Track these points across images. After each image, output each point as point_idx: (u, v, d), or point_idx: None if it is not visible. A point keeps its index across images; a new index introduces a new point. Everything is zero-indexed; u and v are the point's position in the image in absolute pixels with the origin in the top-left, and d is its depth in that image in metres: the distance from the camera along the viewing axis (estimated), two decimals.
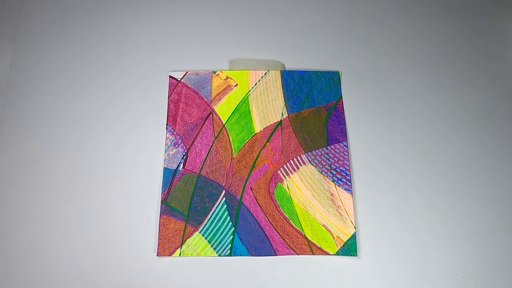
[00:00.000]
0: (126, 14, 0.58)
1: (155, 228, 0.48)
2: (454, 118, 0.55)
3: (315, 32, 0.58)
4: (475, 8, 0.61)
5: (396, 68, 0.57)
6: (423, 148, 0.54)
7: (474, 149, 0.54)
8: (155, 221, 0.48)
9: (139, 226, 0.48)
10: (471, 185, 0.52)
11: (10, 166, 0.51)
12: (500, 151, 0.54)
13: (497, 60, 0.58)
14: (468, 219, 0.50)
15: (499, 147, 0.54)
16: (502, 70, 0.58)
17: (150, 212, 0.48)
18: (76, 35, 0.57)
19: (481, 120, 0.55)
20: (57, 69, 0.55)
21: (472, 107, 0.56)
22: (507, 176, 0.53)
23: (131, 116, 0.53)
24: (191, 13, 0.59)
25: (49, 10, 0.58)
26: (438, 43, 0.59)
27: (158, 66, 0.55)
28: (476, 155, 0.54)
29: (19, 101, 0.54)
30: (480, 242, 0.49)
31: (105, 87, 0.55)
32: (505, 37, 0.60)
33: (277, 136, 0.52)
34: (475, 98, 0.56)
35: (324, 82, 0.54)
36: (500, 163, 0.53)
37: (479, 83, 0.57)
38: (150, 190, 0.49)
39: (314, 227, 0.49)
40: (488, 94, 0.56)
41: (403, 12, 0.60)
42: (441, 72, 0.57)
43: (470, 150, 0.54)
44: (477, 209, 0.51)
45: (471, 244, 0.49)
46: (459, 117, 0.55)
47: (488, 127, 0.55)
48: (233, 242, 0.48)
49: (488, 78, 0.57)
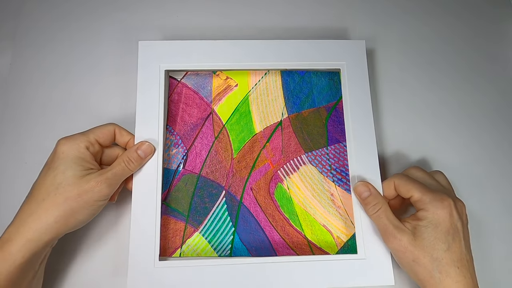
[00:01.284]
0: (127, 14, 0.58)
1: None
2: (454, 118, 0.55)
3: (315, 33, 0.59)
4: (475, 9, 0.61)
5: (396, 66, 0.57)
6: (424, 148, 0.54)
7: (474, 149, 0.54)
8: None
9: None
10: (472, 184, 0.52)
11: (10, 166, 0.51)
12: (500, 151, 0.54)
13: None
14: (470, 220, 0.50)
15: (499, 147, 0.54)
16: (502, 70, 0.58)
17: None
18: (77, 36, 0.57)
19: (481, 119, 0.55)
20: (57, 69, 0.55)
21: (472, 106, 0.56)
22: (507, 176, 0.53)
23: (132, 115, 0.53)
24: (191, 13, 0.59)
25: (49, 10, 0.58)
26: (437, 43, 0.59)
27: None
28: (477, 155, 0.54)
29: (19, 101, 0.54)
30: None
31: (106, 87, 0.55)
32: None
33: (277, 136, 0.52)
34: (475, 98, 0.56)
35: (324, 82, 0.54)
36: (500, 163, 0.53)
37: (478, 83, 0.57)
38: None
39: (314, 227, 0.49)
40: (488, 94, 0.56)
41: (401, 11, 0.60)
42: (440, 71, 0.57)
43: (471, 150, 0.54)
44: (477, 210, 0.51)
45: None
46: (459, 117, 0.55)
47: (489, 127, 0.55)
48: (233, 242, 0.48)
49: (488, 78, 0.57)
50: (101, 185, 0.40)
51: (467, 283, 0.37)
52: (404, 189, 0.42)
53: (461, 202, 0.41)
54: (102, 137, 0.44)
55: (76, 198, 0.39)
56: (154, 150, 0.46)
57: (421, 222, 0.39)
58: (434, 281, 0.37)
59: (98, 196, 0.40)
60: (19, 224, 0.38)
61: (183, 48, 0.51)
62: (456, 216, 0.39)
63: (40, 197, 0.39)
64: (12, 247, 0.37)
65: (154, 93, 0.48)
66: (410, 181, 0.42)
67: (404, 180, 0.42)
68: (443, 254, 0.37)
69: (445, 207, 0.39)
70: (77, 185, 0.39)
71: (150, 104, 0.48)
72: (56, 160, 0.40)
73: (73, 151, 0.41)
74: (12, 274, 0.37)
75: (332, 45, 0.52)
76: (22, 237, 0.38)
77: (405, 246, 0.39)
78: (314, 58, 0.51)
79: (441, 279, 0.37)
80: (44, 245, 0.39)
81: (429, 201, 0.39)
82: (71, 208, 0.39)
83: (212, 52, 0.51)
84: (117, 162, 0.43)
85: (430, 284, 0.38)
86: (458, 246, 0.38)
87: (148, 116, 0.47)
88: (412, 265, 0.39)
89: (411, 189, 0.41)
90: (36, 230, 0.38)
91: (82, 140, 0.42)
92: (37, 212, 0.38)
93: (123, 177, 0.43)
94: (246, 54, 0.51)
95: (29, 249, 0.38)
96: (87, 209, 0.40)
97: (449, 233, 0.38)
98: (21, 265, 0.37)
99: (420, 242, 0.38)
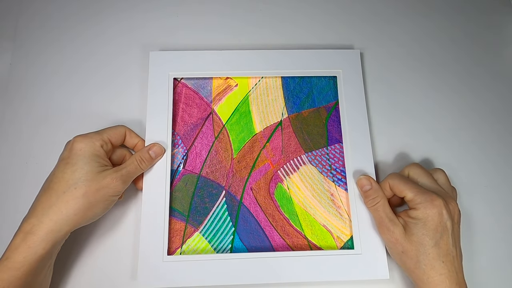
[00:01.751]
0: (127, 14, 0.58)
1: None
2: (454, 118, 0.55)
3: (316, 33, 0.59)
4: (475, 8, 0.61)
5: (397, 67, 0.57)
6: (423, 148, 0.54)
7: (475, 149, 0.54)
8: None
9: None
10: (471, 185, 0.52)
11: (10, 166, 0.51)
12: (500, 151, 0.54)
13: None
14: (468, 221, 0.50)
15: (499, 147, 0.54)
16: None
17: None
18: (77, 36, 0.57)
19: (481, 119, 0.55)
20: (57, 69, 0.55)
21: (472, 107, 0.56)
22: (507, 176, 0.53)
23: (132, 115, 0.53)
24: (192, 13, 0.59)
25: (49, 10, 0.58)
26: (438, 44, 0.59)
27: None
28: (477, 155, 0.54)
29: (19, 101, 0.54)
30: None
31: (106, 88, 0.55)
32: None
33: (277, 136, 0.52)
34: (475, 98, 0.56)
35: (324, 82, 0.54)
36: (500, 163, 0.53)
37: (478, 85, 0.57)
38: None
39: (314, 227, 0.49)
40: (488, 95, 0.56)
41: (400, 11, 0.60)
42: (439, 73, 0.57)
43: (471, 150, 0.54)
44: (476, 212, 0.51)
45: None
46: (462, 117, 0.55)
47: (489, 126, 0.55)
48: (233, 242, 0.48)
49: (488, 79, 0.57)
50: (116, 181, 0.42)
51: (450, 276, 0.40)
52: (398, 189, 0.44)
53: (454, 203, 0.43)
54: (114, 137, 0.46)
55: (94, 193, 0.41)
56: (164, 152, 0.49)
57: (411, 219, 0.42)
58: (419, 271, 0.41)
59: (113, 191, 0.43)
60: (41, 215, 0.40)
61: (191, 57, 0.53)
62: (446, 216, 0.41)
63: (60, 190, 0.41)
64: (35, 237, 0.39)
65: (163, 99, 0.51)
66: (404, 182, 0.44)
67: (398, 180, 0.44)
68: (430, 249, 0.40)
69: (435, 207, 0.41)
70: (95, 181, 0.41)
71: (159, 109, 0.51)
72: (74, 156, 0.42)
73: (89, 148, 0.43)
74: (33, 264, 0.39)
75: (329, 54, 0.54)
76: (44, 228, 0.39)
77: (396, 238, 0.42)
78: (312, 66, 0.54)
79: (426, 270, 0.40)
80: (63, 236, 0.41)
81: (419, 202, 0.42)
82: (89, 201, 0.41)
83: (218, 61, 0.53)
84: (130, 161, 0.45)
85: (415, 274, 0.41)
86: (445, 243, 0.41)
87: (157, 121, 0.50)
88: (401, 256, 0.42)
89: (404, 189, 0.43)
90: (57, 222, 0.40)
91: (97, 138, 0.44)
92: (57, 205, 0.40)
93: (135, 175, 0.46)
94: (248, 63, 0.53)
95: (50, 240, 0.39)
96: (103, 203, 0.43)
97: (437, 231, 0.41)
98: (42, 256, 0.39)
99: (409, 237, 0.41)
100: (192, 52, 0.53)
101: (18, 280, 0.38)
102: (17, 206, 0.48)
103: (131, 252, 0.47)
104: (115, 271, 0.47)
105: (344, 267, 0.46)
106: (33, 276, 0.39)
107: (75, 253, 0.47)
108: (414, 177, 0.45)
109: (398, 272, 0.48)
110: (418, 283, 0.41)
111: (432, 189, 0.43)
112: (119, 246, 0.48)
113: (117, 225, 0.49)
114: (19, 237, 0.39)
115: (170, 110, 0.51)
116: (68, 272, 0.47)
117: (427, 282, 0.40)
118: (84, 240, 0.48)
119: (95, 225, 0.48)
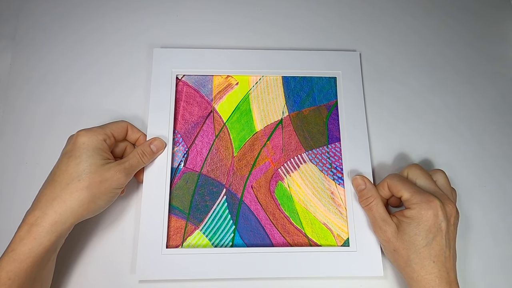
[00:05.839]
0: (127, 14, 0.59)
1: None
2: (454, 118, 0.55)
3: (317, 33, 0.59)
4: (475, 10, 0.61)
5: (397, 68, 0.57)
6: (422, 148, 0.54)
7: (475, 150, 0.54)
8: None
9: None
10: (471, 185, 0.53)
11: (10, 166, 0.51)
12: (500, 151, 0.54)
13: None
14: (467, 221, 0.51)
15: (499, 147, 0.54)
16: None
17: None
18: (77, 35, 0.57)
19: (481, 120, 0.56)
20: (57, 69, 0.55)
21: (472, 107, 0.56)
22: (508, 177, 0.53)
23: (134, 111, 0.53)
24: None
25: (49, 10, 0.58)
26: (438, 44, 0.59)
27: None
28: (476, 155, 0.54)
29: (19, 101, 0.54)
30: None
31: (106, 87, 0.55)
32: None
33: (277, 134, 0.52)
34: (475, 98, 0.56)
35: (324, 81, 0.54)
36: (500, 163, 0.54)
37: (478, 84, 0.57)
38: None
39: (315, 225, 0.49)
40: (488, 95, 0.57)
41: (401, 12, 0.61)
42: (440, 72, 0.57)
43: (471, 150, 0.54)
44: (476, 213, 0.51)
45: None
46: (460, 117, 0.56)
47: (489, 126, 0.55)
48: (233, 240, 0.48)
49: (488, 78, 0.58)
50: (119, 174, 0.43)
51: (441, 275, 0.40)
52: (395, 189, 0.45)
53: (452, 204, 0.43)
54: (117, 132, 0.47)
55: (98, 185, 0.42)
56: (165, 146, 0.49)
57: (405, 219, 0.43)
58: (410, 269, 0.42)
59: (116, 184, 0.43)
60: (45, 207, 0.40)
61: (194, 55, 0.54)
62: (441, 217, 0.41)
63: (64, 182, 0.41)
64: (40, 228, 0.39)
65: (166, 95, 0.52)
66: (401, 182, 0.44)
67: (395, 181, 0.45)
68: (421, 248, 0.41)
69: (430, 208, 0.41)
70: (98, 173, 0.42)
71: (162, 105, 0.51)
72: (77, 150, 0.43)
73: (93, 142, 0.43)
74: (38, 256, 0.39)
75: (329, 56, 0.55)
76: (48, 220, 0.39)
77: (388, 237, 0.43)
78: (312, 67, 0.55)
79: (416, 269, 0.41)
80: (67, 229, 0.41)
81: (415, 202, 0.42)
82: (93, 193, 0.41)
83: (220, 60, 0.54)
84: (133, 155, 0.46)
85: (406, 272, 0.42)
86: (438, 243, 0.41)
87: (159, 117, 0.51)
88: (393, 254, 0.43)
89: (401, 190, 0.44)
90: (61, 213, 0.40)
91: (101, 132, 0.45)
92: (62, 196, 0.40)
93: (137, 168, 0.46)
94: (250, 62, 0.54)
95: (55, 231, 0.40)
96: (106, 195, 0.43)
97: (430, 231, 0.41)
98: (47, 247, 0.39)
99: (401, 236, 0.42)
100: (195, 50, 0.54)
101: (24, 273, 0.38)
102: (17, 206, 0.47)
103: (131, 245, 0.48)
104: (115, 264, 0.47)
105: (339, 264, 0.46)
106: (38, 269, 0.39)
107: (77, 247, 0.47)
108: (412, 178, 0.46)
109: (391, 270, 0.48)
110: (409, 280, 0.42)
111: (429, 190, 0.44)
112: (119, 240, 0.48)
113: (118, 220, 0.49)
114: (23, 229, 0.39)
115: (172, 106, 0.51)
116: (68, 266, 0.46)
117: (417, 280, 0.41)
118: (85, 234, 0.48)
119: (96, 219, 0.48)
